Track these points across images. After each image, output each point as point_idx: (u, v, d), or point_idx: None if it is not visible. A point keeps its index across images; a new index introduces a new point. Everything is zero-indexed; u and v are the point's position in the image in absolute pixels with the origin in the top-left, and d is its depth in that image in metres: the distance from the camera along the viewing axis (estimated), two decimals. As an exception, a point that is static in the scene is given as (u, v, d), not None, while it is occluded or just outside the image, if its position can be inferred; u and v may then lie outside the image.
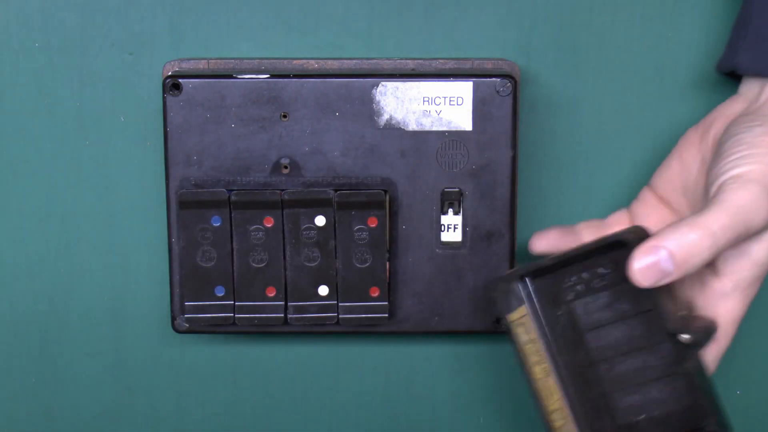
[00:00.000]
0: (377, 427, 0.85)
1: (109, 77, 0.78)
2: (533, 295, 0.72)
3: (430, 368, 0.84)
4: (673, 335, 0.69)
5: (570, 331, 0.72)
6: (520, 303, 0.72)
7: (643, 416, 0.72)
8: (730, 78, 0.77)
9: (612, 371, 0.71)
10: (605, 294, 0.71)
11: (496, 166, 0.76)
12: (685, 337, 0.69)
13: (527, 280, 0.73)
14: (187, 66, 0.77)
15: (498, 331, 0.79)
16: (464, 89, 0.75)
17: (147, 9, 0.77)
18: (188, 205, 0.76)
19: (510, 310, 0.72)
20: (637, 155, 0.79)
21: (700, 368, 0.70)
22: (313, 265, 0.77)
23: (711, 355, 0.72)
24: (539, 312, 0.72)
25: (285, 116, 0.75)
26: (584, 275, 0.71)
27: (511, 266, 0.78)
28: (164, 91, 0.75)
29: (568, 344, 0.72)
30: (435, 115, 0.75)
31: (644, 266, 0.67)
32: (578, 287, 0.72)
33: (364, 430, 0.85)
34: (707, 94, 0.79)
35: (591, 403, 0.72)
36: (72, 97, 0.78)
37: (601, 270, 0.71)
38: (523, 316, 0.72)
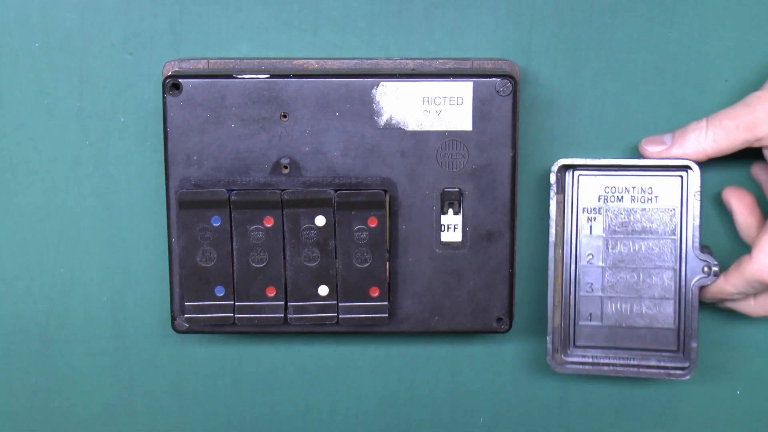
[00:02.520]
0: (377, 427, 0.85)
1: (109, 77, 0.78)
2: (572, 187, 0.78)
3: (430, 368, 0.84)
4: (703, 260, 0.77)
5: (592, 229, 0.78)
6: (561, 191, 0.78)
7: (624, 325, 0.79)
8: None
9: (615, 277, 0.78)
10: (638, 207, 0.77)
11: (496, 166, 0.76)
12: (716, 268, 0.77)
13: (572, 173, 0.78)
14: (187, 66, 0.77)
15: (498, 330, 0.79)
16: (464, 89, 0.75)
17: (147, 9, 0.77)
18: (188, 205, 0.76)
19: (556, 193, 0.77)
20: (637, 155, 0.79)
21: (694, 297, 0.78)
22: (313, 265, 0.77)
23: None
24: (571, 203, 0.78)
25: (285, 116, 0.75)
26: (626, 182, 0.77)
27: (512, 266, 0.78)
28: (164, 91, 0.75)
29: (585, 242, 0.78)
30: (435, 115, 0.75)
31: (650, 137, 0.77)
32: (617, 193, 0.77)
33: (364, 430, 0.85)
34: (707, 94, 0.79)
35: (585, 300, 0.79)
36: (72, 97, 0.78)
37: (643, 188, 0.77)
38: (561, 202, 0.78)
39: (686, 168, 0.77)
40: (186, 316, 0.78)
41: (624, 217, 0.78)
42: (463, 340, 0.84)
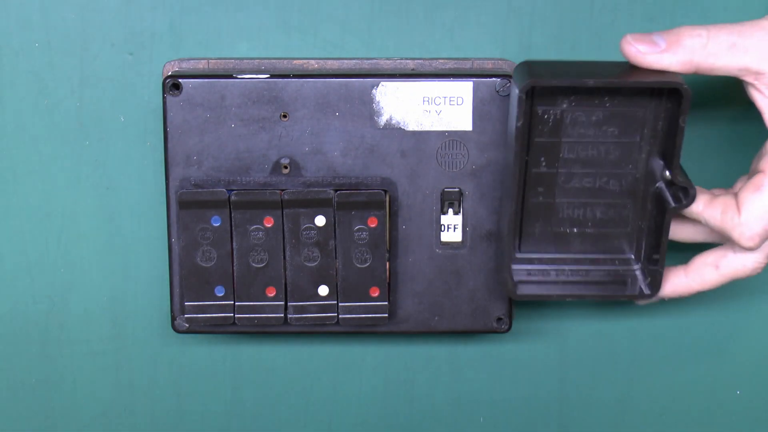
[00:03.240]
0: (377, 427, 0.85)
1: (109, 77, 0.78)
2: (533, 109, 0.72)
3: (430, 368, 0.84)
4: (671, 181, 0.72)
5: (548, 135, 0.73)
6: (523, 117, 0.71)
7: (576, 230, 0.75)
8: None
9: (569, 183, 0.74)
10: (599, 111, 0.72)
11: (496, 166, 0.76)
12: (693, 191, 0.71)
13: (531, 94, 0.72)
14: (187, 66, 0.77)
15: (498, 330, 0.79)
16: (464, 89, 0.75)
17: (147, 9, 0.77)
18: (188, 205, 0.76)
19: (519, 119, 0.70)
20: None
21: (667, 224, 0.72)
22: (313, 265, 0.77)
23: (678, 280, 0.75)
24: (528, 108, 0.72)
25: (285, 116, 0.75)
26: (589, 94, 0.72)
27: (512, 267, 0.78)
28: (164, 91, 0.75)
29: (540, 146, 0.73)
30: (435, 115, 0.75)
31: (638, 34, 0.70)
32: (577, 96, 0.72)
33: (364, 430, 0.85)
34: (707, 95, 0.79)
35: (534, 207, 0.75)
36: (72, 97, 0.78)
37: (607, 95, 0.72)
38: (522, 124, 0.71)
39: (671, 89, 0.71)
40: (186, 316, 0.78)
41: (584, 119, 0.73)
42: (463, 340, 0.84)
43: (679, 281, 0.75)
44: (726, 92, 0.78)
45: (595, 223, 0.75)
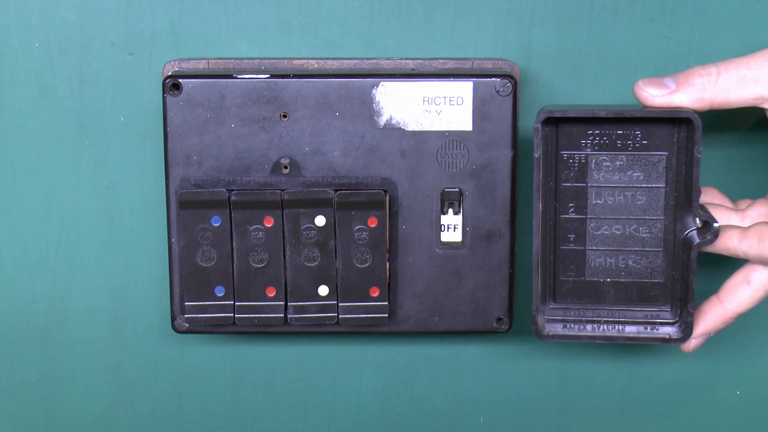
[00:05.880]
0: (377, 427, 0.85)
1: (109, 77, 0.78)
2: (552, 140, 0.73)
3: (430, 368, 0.84)
4: (697, 217, 0.72)
5: (575, 180, 0.73)
6: (541, 145, 0.72)
7: (609, 279, 0.75)
8: None
9: (599, 230, 0.74)
10: (623, 156, 0.73)
11: (496, 166, 0.76)
12: (716, 225, 0.71)
13: (551, 123, 0.73)
14: (187, 66, 0.77)
15: (498, 330, 0.79)
16: (464, 89, 0.75)
17: (147, 9, 0.77)
18: (188, 205, 0.76)
19: (537, 149, 0.72)
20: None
21: (693, 260, 0.72)
22: (313, 265, 0.77)
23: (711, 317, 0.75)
24: (551, 156, 0.73)
25: (285, 116, 0.75)
26: (611, 131, 0.72)
27: (512, 266, 0.78)
28: (164, 91, 0.75)
29: (568, 191, 0.74)
30: (435, 115, 0.75)
31: (649, 78, 0.72)
32: (601, 140, 0.73)
33: (364, 430, 0.85)
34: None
35: (565, 253, 0.75)
36: (72, 97, 0.78)
37: (631, 132, 0.72)
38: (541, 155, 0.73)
39: (683, 119, 0.72)
40: (186, 316, 0.78)
41: (609, 164, 0.73)
42: (463, 340, 0.84)
43: (716, 310, 0.74)
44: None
45: (627, 271, 0.75)
